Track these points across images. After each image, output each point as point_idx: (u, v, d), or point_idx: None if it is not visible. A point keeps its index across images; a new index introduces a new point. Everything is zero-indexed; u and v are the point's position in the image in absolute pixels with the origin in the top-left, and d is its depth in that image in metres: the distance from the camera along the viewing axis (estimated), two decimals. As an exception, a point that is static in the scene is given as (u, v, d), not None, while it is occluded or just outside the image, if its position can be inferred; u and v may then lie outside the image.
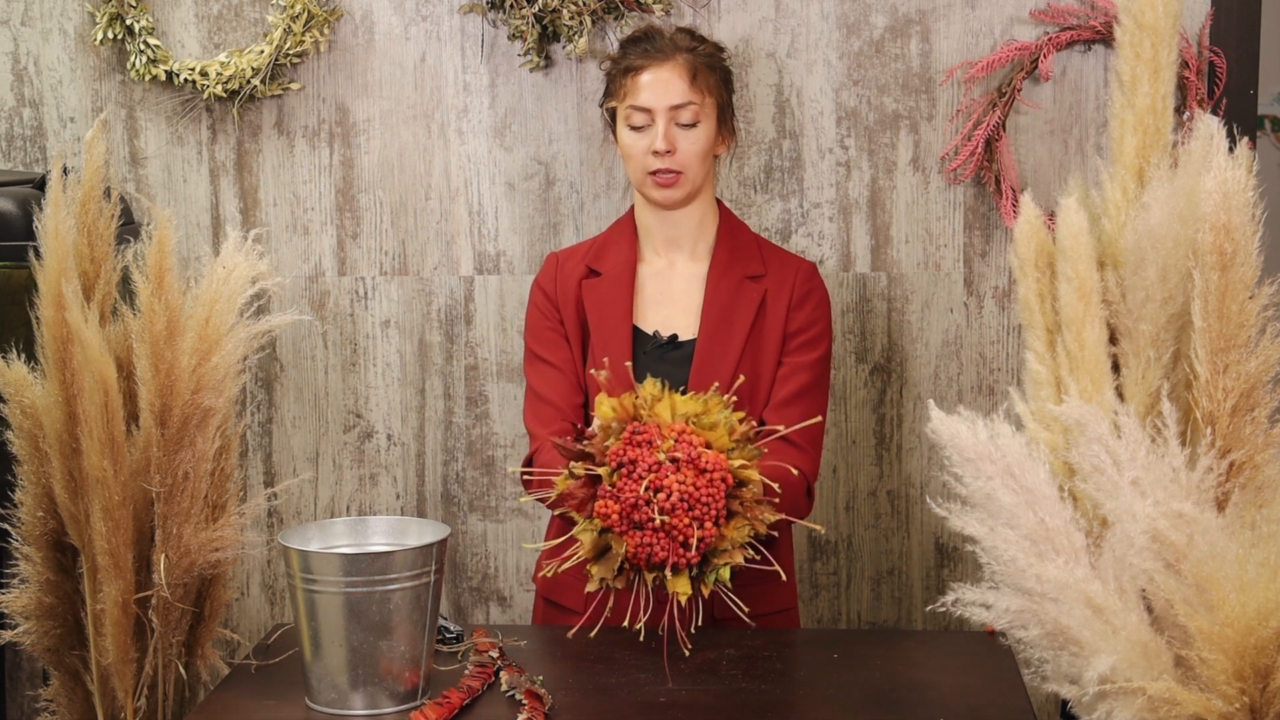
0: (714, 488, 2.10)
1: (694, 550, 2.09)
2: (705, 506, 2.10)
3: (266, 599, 3.18)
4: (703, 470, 2.10)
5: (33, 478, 2.41)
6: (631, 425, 2.14)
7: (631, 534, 2.10)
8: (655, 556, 2.09)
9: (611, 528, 2.11)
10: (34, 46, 3.07)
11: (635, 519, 2.09)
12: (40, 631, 2.45)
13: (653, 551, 2.09)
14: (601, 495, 2.12)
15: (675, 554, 2.09)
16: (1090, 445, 1.78)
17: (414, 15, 3.02)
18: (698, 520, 2.09)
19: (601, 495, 2.12)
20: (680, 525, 2.08)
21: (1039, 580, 1.74)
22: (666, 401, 2.18)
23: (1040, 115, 2.94)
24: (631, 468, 2.10)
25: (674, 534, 2.09)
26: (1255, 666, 1.68)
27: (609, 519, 2.10)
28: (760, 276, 2.52)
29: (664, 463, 2.09)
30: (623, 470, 2.11)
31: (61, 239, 2.37)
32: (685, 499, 2.08)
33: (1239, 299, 1.92)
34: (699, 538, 2.09)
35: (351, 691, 2.09)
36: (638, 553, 2.09)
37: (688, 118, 2.46)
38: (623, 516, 2.10)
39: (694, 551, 2.09)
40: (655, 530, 2.09)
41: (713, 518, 2.10)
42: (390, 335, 3.09)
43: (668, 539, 2.09)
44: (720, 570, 2.13)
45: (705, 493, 2.09)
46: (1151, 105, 2.19)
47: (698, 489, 2.09)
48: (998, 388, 3.00)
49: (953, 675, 2.23)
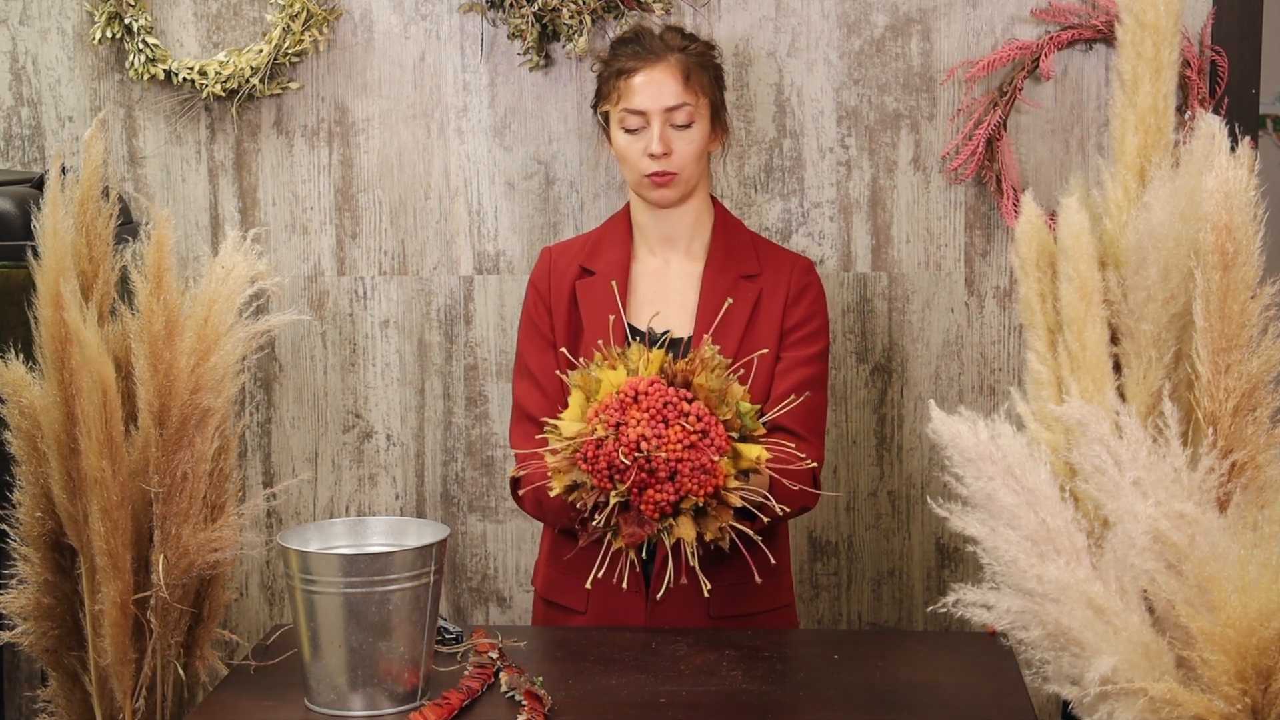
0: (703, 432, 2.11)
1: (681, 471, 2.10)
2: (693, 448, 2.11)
3: (265, 600, 3.17)
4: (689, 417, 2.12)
5: (31, 478, 2.41)
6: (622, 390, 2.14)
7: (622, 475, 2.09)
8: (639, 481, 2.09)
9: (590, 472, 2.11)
10: (32, 45, 3.06)
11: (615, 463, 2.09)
12: (39, 632, 2.45)
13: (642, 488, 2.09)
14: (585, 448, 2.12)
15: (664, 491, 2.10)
16: (1091, 445, 1.78)
17: (413, 14, 3.01)
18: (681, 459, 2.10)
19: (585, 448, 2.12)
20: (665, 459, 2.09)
21: (1040, 581, 1.73)
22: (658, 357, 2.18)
23: (1041, 114, 2.93)
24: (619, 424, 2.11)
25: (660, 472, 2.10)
26: (1257, 667, 1.68)
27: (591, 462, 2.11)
28: (755, 275, 2.51)
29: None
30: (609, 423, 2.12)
31: (60, 239, 2.36)
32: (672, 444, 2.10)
33: (1241, 299, 1.91)
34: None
35: (350, 692, 2.09)
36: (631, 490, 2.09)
37: (682, 118, 2.45)
38: (605, 464, 2.10)
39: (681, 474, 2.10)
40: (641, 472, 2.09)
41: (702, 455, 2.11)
42: (389, 335, 3.09)
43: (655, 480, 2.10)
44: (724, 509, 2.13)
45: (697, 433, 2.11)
46: (1153, 104, 2.19)
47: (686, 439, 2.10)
48: (999, 388, 3.00)
49: (954, 676, 2.23)
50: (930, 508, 1.88)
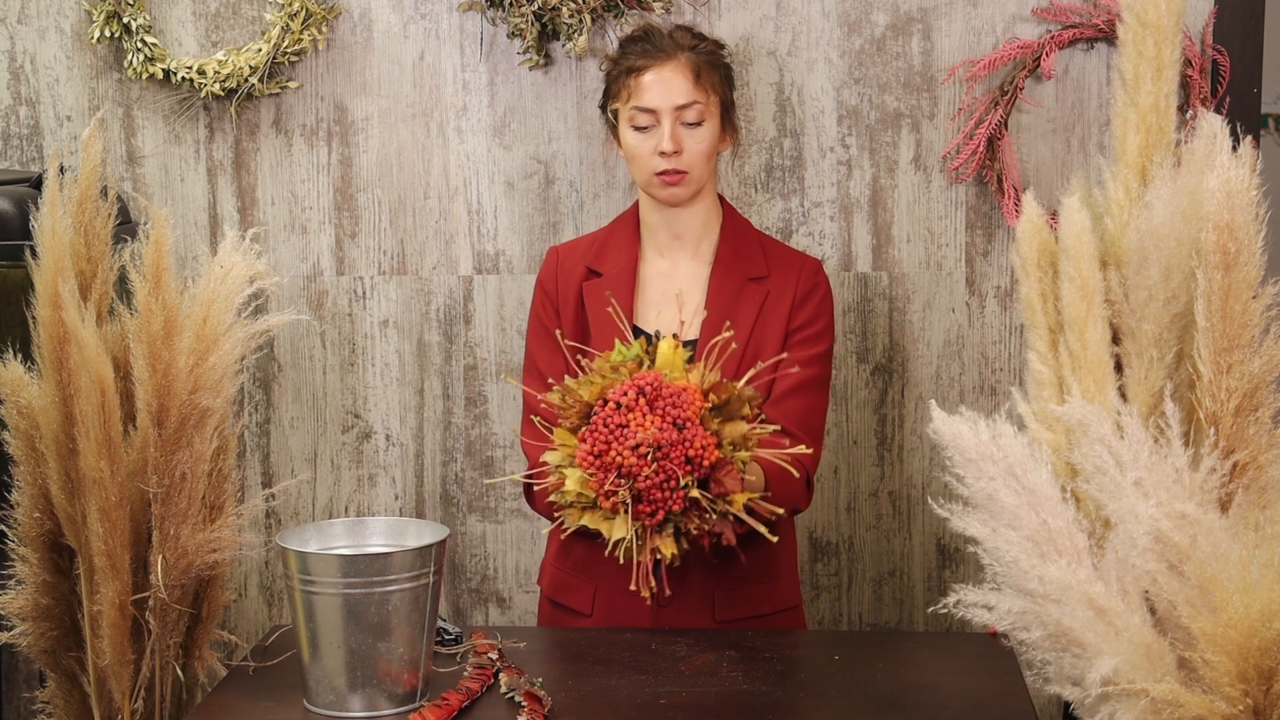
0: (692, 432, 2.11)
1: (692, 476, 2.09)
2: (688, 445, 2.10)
3: (264, 600, 3.17)
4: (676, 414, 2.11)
5: (29, 478, 2.41)
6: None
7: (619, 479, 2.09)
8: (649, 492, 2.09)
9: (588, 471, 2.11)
10: (30, 44, 3.05)
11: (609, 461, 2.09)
12: (37, 633, 2.44)
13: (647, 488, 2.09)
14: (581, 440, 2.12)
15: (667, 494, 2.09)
16: (1093, 446, 1.77)
17: (413, 13, 3.01)
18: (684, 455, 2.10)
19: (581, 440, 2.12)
20: (671, 466, 2.08)
21: (1041, 582, 1.73)
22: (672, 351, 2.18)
23: (1042, 114, 2.93)
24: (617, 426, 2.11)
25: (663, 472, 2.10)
26: (1259, 668, 1.67)
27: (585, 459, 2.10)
28: (763, 278, 2.50)
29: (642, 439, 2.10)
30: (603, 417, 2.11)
31: (58, 238, 2.36)
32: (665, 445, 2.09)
33: (1242, 299, 1.91)
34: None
35: (350, 693, 2.09)
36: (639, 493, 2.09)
37: (693, 117, 2.44)
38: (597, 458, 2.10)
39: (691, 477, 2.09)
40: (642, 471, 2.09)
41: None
42: (389, 335, 3.08)
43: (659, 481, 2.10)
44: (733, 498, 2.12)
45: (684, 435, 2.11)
46: (1154, 104, 2.18)
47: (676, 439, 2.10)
48: (1000, 388, 2.99)
49: (955, 677, 2.23)
50: (931, 508, 1.88)
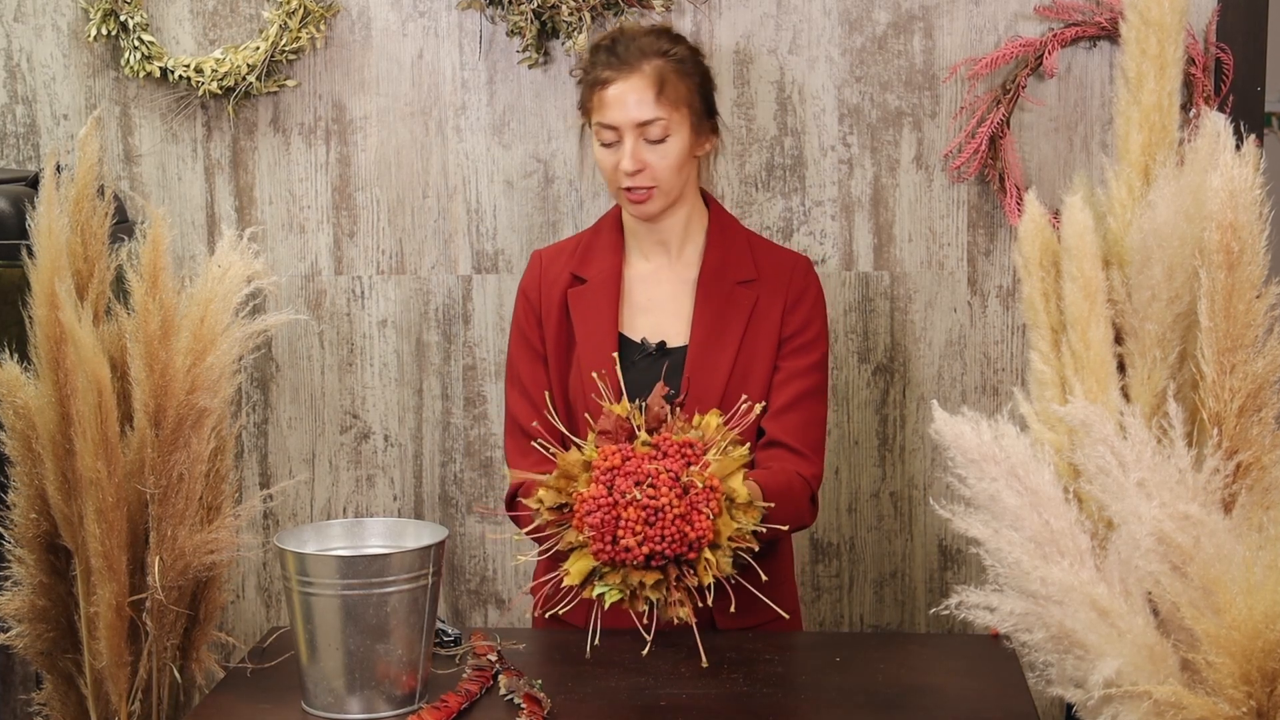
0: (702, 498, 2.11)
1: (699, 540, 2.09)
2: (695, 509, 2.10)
3: (262, 602, 3.16)
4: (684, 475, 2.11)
5: (26, 479, 2.40)
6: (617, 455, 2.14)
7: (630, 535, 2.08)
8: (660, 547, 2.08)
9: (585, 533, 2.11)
10: (27, 43, 3.05)
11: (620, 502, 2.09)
12: (33, 635, 2.44)
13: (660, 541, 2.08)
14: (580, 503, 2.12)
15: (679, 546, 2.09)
16: (1095, 446, 1.77)
17: (411, 11, 3.00)
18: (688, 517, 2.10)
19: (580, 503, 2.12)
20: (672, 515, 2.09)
21: (1044, 583, 1.72)
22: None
23: (1045, 112, 2.92)
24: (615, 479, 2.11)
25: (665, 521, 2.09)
26: (1262, 670, 1.67)
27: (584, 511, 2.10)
28: (752, 281, 2.45)
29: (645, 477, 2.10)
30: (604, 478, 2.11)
31: (55, 237, 2.36)
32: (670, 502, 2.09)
33: (1246, 298, 1.91)
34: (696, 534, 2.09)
35: (348, 695, 2.08)
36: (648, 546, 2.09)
37: (656, 133, 2.36)
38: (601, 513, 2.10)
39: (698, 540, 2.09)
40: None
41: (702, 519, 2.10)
42: (387, 335, 3.08)
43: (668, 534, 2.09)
44: (720, 561, 2.13)
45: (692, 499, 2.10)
46: (1157, 102, 2.18)
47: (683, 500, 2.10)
48: (1002, 388, 2.98)
49: (956, 679, 2.22)
50: (933, 509, 1.88)
